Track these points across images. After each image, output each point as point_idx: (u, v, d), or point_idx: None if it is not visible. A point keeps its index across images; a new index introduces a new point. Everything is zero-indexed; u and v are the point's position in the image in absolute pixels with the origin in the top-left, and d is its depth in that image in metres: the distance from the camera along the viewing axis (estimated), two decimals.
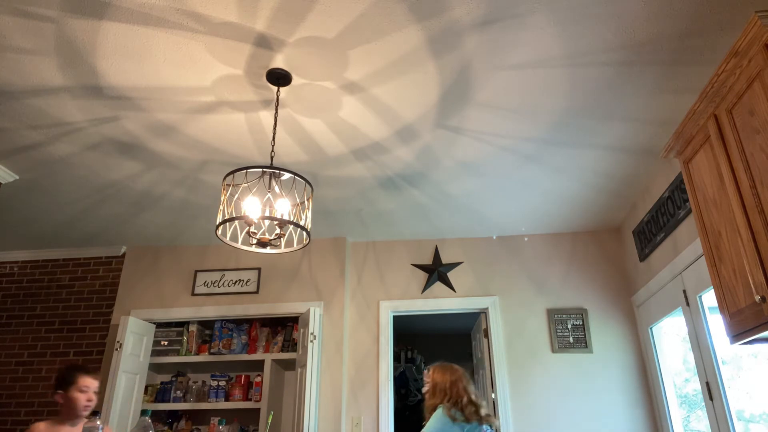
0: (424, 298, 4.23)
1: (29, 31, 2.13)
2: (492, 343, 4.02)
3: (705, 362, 2.85)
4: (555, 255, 4.24)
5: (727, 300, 1.98)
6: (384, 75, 2.41)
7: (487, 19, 2.09)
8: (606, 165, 3.24)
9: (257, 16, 2.08)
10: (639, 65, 2.37)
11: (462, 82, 2.47)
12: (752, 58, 1.68)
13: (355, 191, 3.56)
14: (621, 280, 4.09)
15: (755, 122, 1.70)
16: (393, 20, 2.09)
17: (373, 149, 3.04)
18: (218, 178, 3.34)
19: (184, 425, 4.26)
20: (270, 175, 2.31)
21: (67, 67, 2.35)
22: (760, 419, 2.71)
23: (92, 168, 3.22)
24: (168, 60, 2.31)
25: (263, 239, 2.23)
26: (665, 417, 3.49)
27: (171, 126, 2.81)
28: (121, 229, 4.13)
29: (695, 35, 2.19)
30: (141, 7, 2.03)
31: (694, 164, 2.19)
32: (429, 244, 4.39)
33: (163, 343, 4.32)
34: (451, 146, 3.01)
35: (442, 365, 2.81)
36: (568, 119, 2.77)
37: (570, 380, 3.84)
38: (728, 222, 1.93)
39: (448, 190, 3.55)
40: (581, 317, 4.00)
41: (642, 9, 2.06)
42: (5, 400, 4.16)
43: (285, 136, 2.90)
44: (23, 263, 4.60)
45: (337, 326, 4.05)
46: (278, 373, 4.30)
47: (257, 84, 2.47)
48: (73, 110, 2.66)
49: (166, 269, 4.39)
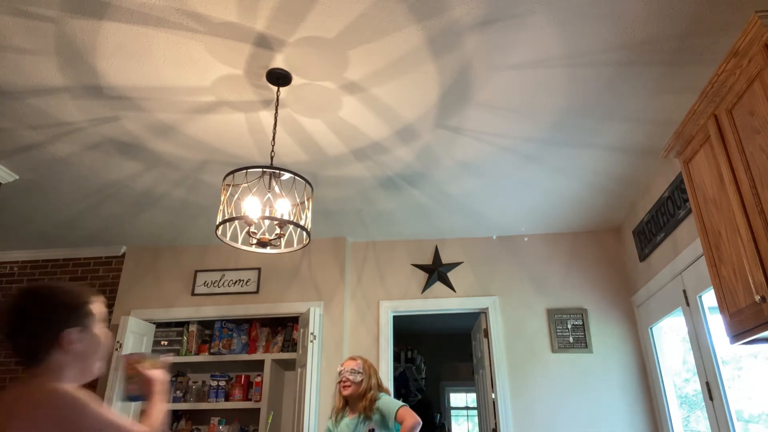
0: (424, 298, 4.23)
1: (29, 31, 2.13)
2: (492, 343, 4.02)
3: (705, 362, 2.85)
4: (555, 255, 4.24)
5: (727, 300, 1.98)
6: (384, 75, 2.42)
7: (487, 19, 2.09)
8: (606, 165, 3.24)
9: (257, 16, 2.08)
10: (639, 65, 2.37)
11: (462, 82, 2.47)
12: (752, 58, 1.68)
13: (355, 191, 3.56)
14: (621, 280, 4.09)
15: (755, 122, 1.70)
16: (393, 20, 2.09)
17: (373, 149, 3.04)
18: (218, 178, 3.34)
19: (184, 425, 4.26)
20: (270, 175, 2.31)
21: (67, 67, 2.35)
22: (759, 419, 2.71)
23: (92, 168, 3.22)
24: (168, 60, 2.31)
25: (263, 239, 2.23)
26: (665, 417, 3.49)
27: (171, 126, 2.81)
28: (121, 229, 4.13)
29: (695, 35, 2.19)
30: (141, 7, 2.03)
31: (694, 164, 2.19)
32: (429, 244, 4.39)
33: (163, 343, 4.32)
34: (451, 146, 3.01)
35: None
36: (568, 119, 2.77)
37: (570, 380, 3.84)
38: (728, 222, 1.92)
39: (448, 190, 3.55)
40: (581, 317, 4.00)
41: (642, 9, 2.06)
42: None
43: (285, 136, 2.90)
44: (23, 263, 4.60)
45: (337, 326, 4.06)
46: (278, 373, 4.30)
47: (257, 84, 2.47)
48: (73, 110, 2.66)
49: (166, 269, 4.39)
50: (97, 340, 1.31)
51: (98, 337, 1.32)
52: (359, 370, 2.67)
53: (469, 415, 7.95)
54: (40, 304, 1.24)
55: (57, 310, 1.25)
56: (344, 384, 2.64)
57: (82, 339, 1.26)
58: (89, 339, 1.28)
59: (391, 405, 2.57)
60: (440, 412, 7.51)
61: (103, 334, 1.34)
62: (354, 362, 2.70)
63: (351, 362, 2.71)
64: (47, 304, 1.24)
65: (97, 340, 1.31)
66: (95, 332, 1.31)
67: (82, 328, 1.27)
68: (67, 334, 1.23)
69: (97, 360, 1.31)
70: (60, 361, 1.23)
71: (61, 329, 1.23)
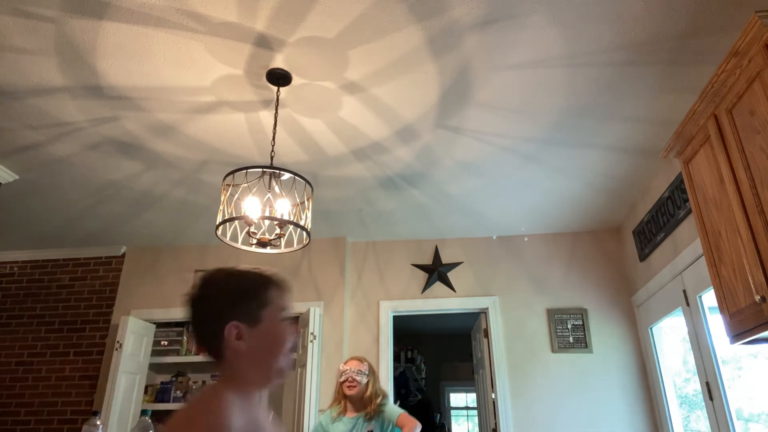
0: (424, 298, 4.23)
1: (29, 31, 2.13)
2: (492, 343, 4.02)
3: (705, 362, 2.85)
4: (555, 255, 4.24)
5: (727, 300, 1.98)
6: (384, 75, 2.41)
7: (487, 19, 2.09)
8: (606, 165, 3.24)
9: (257, 16, 2.07)
10: (639, 65, 2.37)
11: (462, 82, 2.47)
12: (752, 58, 1.68)
13: (355, 191, 3.56)
14: (621, 280, 4.09)
15: (755, 122, 1.70)
16: (393, 20, 2.09)
17: (373, 149, 3.04)
18: (218, 178, 3.34)
19: None
20: (270, 175, 2.31)
21: (67, 67, 2.35)
22: (759, 418, 2.71)
23: (92, 168, 3.22)
24: (168, 60, 2.31)
25: (263, 239, 2.23)
26: (665, 417, 3.49)
27: (171, 126, 2.81)
28: (121, 229, 4.13)
29: (695, 35, 2.19)
30: (141, 7, 2.03)
31: (694, 164, 2.19)
32: (429, 244, 4.39)
33: (163, 343, 4.32)
34: (451, 146, 3.01)
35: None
36: (568, 119, 2.77)
37: (570, 380, 3.84)
38: (728, 222, 1.92)
39: (448, 190, 3.55)
40: (581, 317, 4.00)
41: (642, 9, 2.06)
42: (5, 400, 4.16)
43: (285, 136, 2.90)
44: (23, 263, 4.60)
45: (337, 326, 4.06)
46: None
47: (257, 84, 2.47)
48: (73, 110, 2.66)
49: (166, 269, 4.39)
50: (273, 334, 1.04)
51: (274, 331, 1.04)
52: (366, 371, 2.70)
53: (469, 415, 7.96)
54: (208, 293, 1.04)
55: (223, 300, 1.02)
56: (350, 384, 2.66)
57: (253, 334, 1.01)
58: (262, 334, 1.02)
59: (394, 411, 2.66)
60: (440, 412, 7.51)
61: (283, 328, 1.06)
62: (360, 364, 2.72)
63: (357, 363, 2.72)
64: (214, 293, 1.04)
65: (272, 335, 1.04)
66: (270, 325, 1.03)
67: (253, 321, 1.02)
68: (233, 328, 1.00)
69: (277, 358, 1.04)
70: (232, 359, 1.01)
71: (225, 322, 1.00)
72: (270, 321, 1.04)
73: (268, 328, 1.03)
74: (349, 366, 2.70)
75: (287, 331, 1.06)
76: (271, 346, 1.04)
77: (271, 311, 1.04)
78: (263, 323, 1.03)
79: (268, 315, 1.04)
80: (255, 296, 1.04)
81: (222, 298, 1.03)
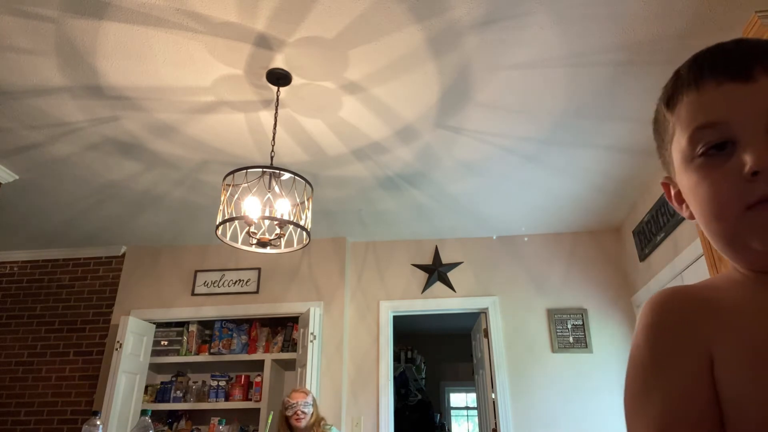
0: (424, 298, 4.22)
1: (29, 31, 2.13)
2: (492, 343, 4.02)
3: None
4: (555, 255, 4.24)
5: None
6: (384, 75, 2.41)
7: (487, 19, 2.09)
8: (606, 165, 3.24)
9: (257, 16, 2.07)
10: (639, 65, 2.37)
11: (462, 82, 2.47)
12: None
13: (355, 191, 3.56)
14: (621, 280, 4.09)
15: None
16: (393, 20, 2.09)
17: (373, 149, 3.04)
18: (218, 178, 3.34)
19: (184, 425, 4.26)
20: (270, 175, 2.31)
21: (67, 67, 2.35)
22: None
23: (92, 168, 3.22)
24: (168, 60, 2.31)
25: (263, 239, 2.23)
26: None
27: (171, 126, 2.81)
28: (121, 229, 4.13)
29: (695, 35, 2.19)
30: (141, 7, 2.03)
31: None
32: (429, 244, 4.39)
33: (163, 343, 4.32)
34: (451, 146, 3.01)
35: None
36: (568, 119, 2.77)
37: (570, 380, 3.84)
38: None
39: (448, 190, 3.55)
40: (581, 317, 4.00)
41: (642, 9, 2.06)
42: (5, 400, 4.16)
43: (285, 136, 2.90)
44: (23, 263, 4.60)
45: (337, 326, 4.06)
46: (278, 373, 4.30)
47: (257, 84, 2.47)
48: (73, 110, 2.66)
49: (166, 269, 4.39)
50: (688, 186, 0.59)
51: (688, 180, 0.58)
52: (310, 402, 2.86)
53: (469, 415, 7.95)
54: None
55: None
56: (297, 417, 2.81)
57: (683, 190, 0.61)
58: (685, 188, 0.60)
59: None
60: (440, 412, 7.51)
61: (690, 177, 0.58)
62: (305, 395, 2.88)
63: (302, 395, 2.87)
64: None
65: (688, 187, 0.59)
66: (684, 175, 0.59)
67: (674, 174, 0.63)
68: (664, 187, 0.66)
69: (707, 218, 0.56)
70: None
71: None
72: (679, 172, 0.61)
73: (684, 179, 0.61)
74: (295, 399, 2.84)
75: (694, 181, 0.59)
76: (694, 204, 0.60)
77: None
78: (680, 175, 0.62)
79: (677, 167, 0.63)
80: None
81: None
